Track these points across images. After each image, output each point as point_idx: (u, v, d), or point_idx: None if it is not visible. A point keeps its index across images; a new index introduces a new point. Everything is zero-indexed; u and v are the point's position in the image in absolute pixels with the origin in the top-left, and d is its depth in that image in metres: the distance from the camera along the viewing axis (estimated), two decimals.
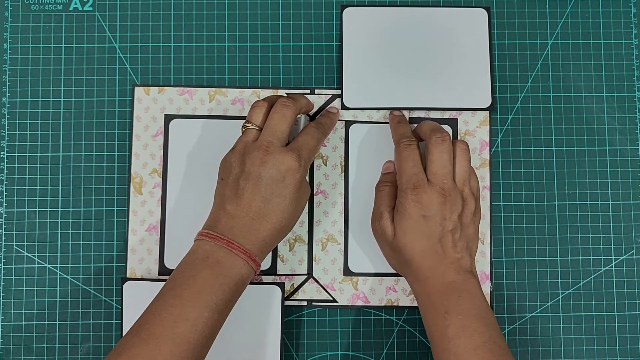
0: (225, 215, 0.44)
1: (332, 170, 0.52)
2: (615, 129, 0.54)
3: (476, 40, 0.53)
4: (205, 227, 0.45)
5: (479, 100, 0.52)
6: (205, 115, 0.52)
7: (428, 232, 0.44)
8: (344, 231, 0.51)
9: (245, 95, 0.52)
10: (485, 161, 0.52)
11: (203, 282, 0.41)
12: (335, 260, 0.51)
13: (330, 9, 0.54)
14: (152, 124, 0.52)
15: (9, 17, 0.53)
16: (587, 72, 0.54)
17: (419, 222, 0.45)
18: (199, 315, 0.40)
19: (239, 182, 0.44)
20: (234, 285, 0.42)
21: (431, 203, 0.44)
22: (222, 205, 0.44)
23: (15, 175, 0.52)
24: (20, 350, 0.50)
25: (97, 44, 0.53)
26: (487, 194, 0.52)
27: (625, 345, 0.52)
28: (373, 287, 0.51)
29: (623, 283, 0.52)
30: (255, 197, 0.43)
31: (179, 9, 0.54)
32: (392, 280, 0.51)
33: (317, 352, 0.51)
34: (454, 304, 0.42)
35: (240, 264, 0.43)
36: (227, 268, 0.42)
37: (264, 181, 0.43)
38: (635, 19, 0.55)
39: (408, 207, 0.45)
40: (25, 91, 0.53)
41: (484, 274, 0.51)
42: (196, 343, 0.40)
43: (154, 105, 0.52)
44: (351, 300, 0.51)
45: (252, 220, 0.43)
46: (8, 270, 0.51)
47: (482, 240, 0.51)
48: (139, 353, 0.38)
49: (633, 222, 0.53)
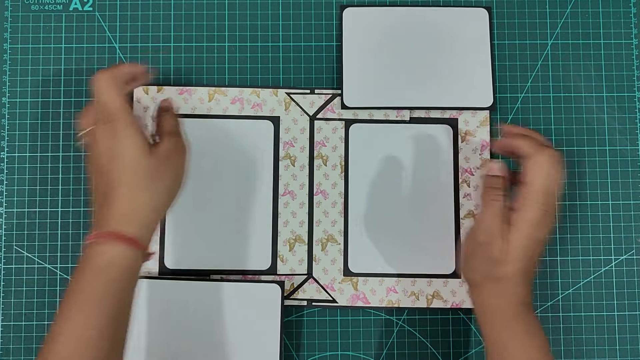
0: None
1: (332, 170, 0.52)
2: (615, 129, 0.54)
3: (477, 40, 0.52)
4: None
5: (480, 100, 0.52)
6: (205, 114, 0.52)
7: (535, 255, 0.43)
8: (344, 231, 0.51)
9: (245, 95, 0.52)
10: (487, 160, 0.52)
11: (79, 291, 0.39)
12: (335, 260, 0.51)
13: (330, 9, 0.54)
14: (152, 124, 0.51)
15: (9, 17, 0.53)
16: (587, 72, 0.54)
17: (534, 245, 0.42)
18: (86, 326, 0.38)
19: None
20: (108, 276, 0.39)
21: (548, 229, 0.43)
22: None
23: (15, 175, 0.52)
24: (20, 350, 0.50)
25: (97, 44, 0.53)
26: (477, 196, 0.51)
27: (625, 346, 0.52)
28: (373, 287, 0.51)
29: (623, 283, 0.52)
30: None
31: (179, 9, 0.54)
32: (392, 281, 0.51)
33: (317, 352, 0.51)
34: (529, 324, 0.42)
35: (104, 250, 0.40)
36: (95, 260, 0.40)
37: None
38: (635, 19, 0.55)
39: (536, 233, 0.42)
40: (25, 91, 0.53)
41: None
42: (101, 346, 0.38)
43: (153, 105, 0.52)
44: (351, 301, 0.50)
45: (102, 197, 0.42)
46: (8, 270, 0.51)
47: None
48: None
49: (633, 222, 0.53)
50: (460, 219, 0.51)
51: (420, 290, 0.51)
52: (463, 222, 0.51)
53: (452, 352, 0.52)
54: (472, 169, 0.52)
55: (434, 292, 0.51)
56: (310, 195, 0.51)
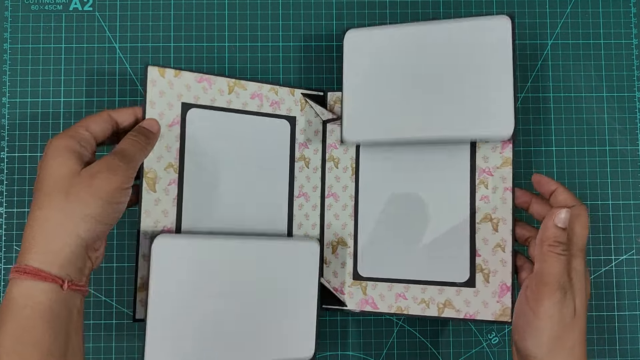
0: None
1: (343, 173, 0.51)
2: (615, 129, 0.54)
3: (496, 56, 0.45)
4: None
5: (498, 128, 0.44)
6: (225, 107, 0.48)
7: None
8: (354, 234, 0.50)
9: (264, 91, 0.49)
10: (508, 159, 0.47)
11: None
12: (345, 263, 0.50)
13: (330, 9, 0.54)
14: (168, 112, 0.46)
15: (9, 17, 0.53)
16: (587, 72, 0.54)
17: (587, 298, 0.42)
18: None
19: None
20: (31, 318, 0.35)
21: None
22: None
23: (15, 175, 0.52)
24: None
25: (97, 44, 0.53)
26: (509, 196, 0.46)
27: (625, 345, 0.52)
28: (382, 293, 0.49)
29: (623, 283, 0.52)
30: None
31: (179, 9, 0.54)
32: (401, 287, 0.48)
33: (317, 352, 0.51)
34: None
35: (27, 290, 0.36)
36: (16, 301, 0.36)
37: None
38: (635, 19, 0.55)
39: (586, 286, 0.41)
40: (25, 91, 0.53)
41: (505, 286, 0.46)
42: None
43: (169, 90, 0.46)
44: (360, 305, 0.49)
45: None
46: (8, 270, 0.51)
47: (504, 247, 0.46)
48: None
49: (633, 222, 0.53)
50: (476, 224, 0.47)
51: (431, 298, 0.47)
52: (479, 227, 0.47)
53: (452, 352, 0.52)
54: (491, 170, 0.47)
55: (446, 301, 0.47)
56: (322, 197, 0.51)
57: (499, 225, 0.47)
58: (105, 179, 0.38)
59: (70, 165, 0.38)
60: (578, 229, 0.41)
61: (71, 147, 0.39)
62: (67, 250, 0.37)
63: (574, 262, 0.40)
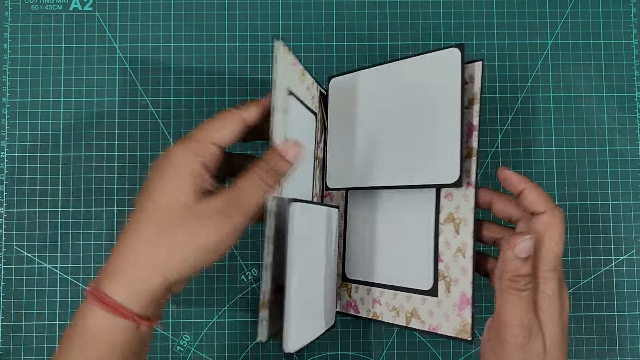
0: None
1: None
2: (615, 129, 0.54)
3: (443, 95, 0.40)
4: None
5: (442, 176, 0.40)
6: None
7: (567, 328, 0.37)
8: (344, 236, 0.49)
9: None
10: (472, 150, 0.40)
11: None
12: (338, 264, 0.49)
13: (331, 9, 0.54)
14: (282, 96, 0.39)
15: (9, 17, 0.53)
16: (587, 72, 0.54)
17: (566, 320, 0.36)
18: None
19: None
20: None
21: (567, 297, 0.36)
22: None
23: (15, 175, 0.52)
24: (20, 350, 0.50)
25: (97, 44, 0.53)
26: (472, 193, 0.40)
27: (625, 346, 0.52)
28: (362, 296, 0.47)
29: (623, 283, 0.52)
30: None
31: (179, 9, 0.54)
32: (377, 292, 0.45)
33: (317, 352, 0.51)
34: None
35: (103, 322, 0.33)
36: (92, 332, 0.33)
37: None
38: (635, 19, 0.55)
39: (564, 304, 0.36)
40: (25, 91, 0.53)
41: (465, 297, 0.40)
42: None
43: (286, 70, 0.40)
44: (345, 308, 0.48)
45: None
46: (8, 270, 0.51)
47: (464, 252, 0.40)
48: None
49: (633, 222, 0.53)
50: (440, 224, 0.41)
51: (400, 305, 0.43)
52: (442, 229, 0.41)
53: (452, 352, 0.52)
54: None
55: (413, 310, 0.43)
56: (321, 198, 0.50)
57: (460, 226, 0.40)
58: (215, 226, 0.33)
59: (186, 195, 0.33)
60: (549, 244, 0.35)
61: (194, 171, 0.34)
62: (153, 290, 0.33)
63: (544, 287, 0.35)
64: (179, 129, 0.53)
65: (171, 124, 0.53)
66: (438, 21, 0.54)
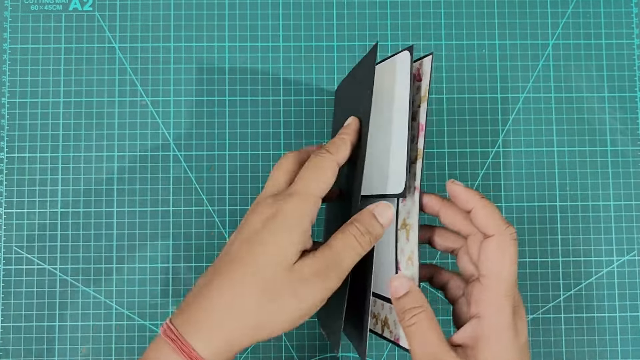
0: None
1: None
2: (616, 130, 0.53)
3: (393, 102, 0.37)
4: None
5: (391, 184, 0.37)
6: None
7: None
8: None
9: None
10: (420, 151, 0.37)
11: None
12: None
13: (331, 9, 0.54)
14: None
15: (9, 17, 0.53)
16: (588, 73, 0.54)
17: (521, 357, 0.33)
18: None
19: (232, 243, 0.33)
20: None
21: (525, 330, 0.34)
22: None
23: (15, 175, 0.52)
24: (20, 351, 0.50)
25: (97, 44, 0.53)
26: (416, 195, 0.37)
27: (627, 347, 0.51)
28: None
29: (625, 284, 0.52)
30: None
31: (179, 9, 0.54)
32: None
33: (317, 352, 0.51)
34: None
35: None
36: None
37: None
38: (636, 19, 0.55)
39: (517, 341, 0.33)
40: (25, 91, 0.53)
41: None
42: None
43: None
44: None
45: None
46: (7, 271, 0.51)
47: (413, 261, 0.36)
48: None
49: (635, 222, 0.53)
50: (397, 230, 0.38)
51: (378, 313, 0.41)
52: (399, 235, 0.38)
53: None
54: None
55: (385, 318, 0.40)
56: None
57: (409, 232, 0.37)
58: (314, 289, 0.31)
59: (293, 255, 0.31)
60: (499, 271, 0.33)
61: (305, 230, 0.32)
62: (239, 349, 0.31)
63: (494, 318, 0.32)
64: (179, 129, 0.53)
65: (171, 124, 0.53)
66: (438, 21, 0.54)
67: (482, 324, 0.33)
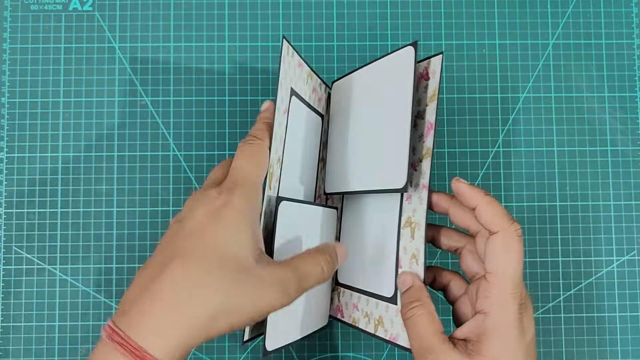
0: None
1: None
2: (616, 130, 0.53)
3: (396, 98, 0.38)
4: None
5: (393, 178, 0.37)
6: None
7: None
8: (338, 238, 0.47)
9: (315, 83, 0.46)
10: (429, 150, 0.38)
11: None
12: None
13: (331, 8, 0.54)
14: (285, 96, 0.39)
15: (9, 17, 0.53)
16: (588, 72, 0.54)
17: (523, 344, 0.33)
18: None
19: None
20: None
21: (532, 330, 0.33)
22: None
23: (15, 175, 0.52)
24: (20, 351, 0.50)
25: (97, 44, 0.53)
26: (426, 195, 0.37)
27: (627, 347, 0.51)
28: (347, 301, 0.45)
29: (625, 284, 0.52)
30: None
31: (179, 9, 0.54)
32: (356, 297, 0.44)
33: (317, 352, 0.51)
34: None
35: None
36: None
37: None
38: (636, 19, 0.55)
39: (523, 341, 0.33)
40: (25, 91, 0.53)
41: None
42: None
43: (289, 70, 0.40)
44: (335, 312, 0.47)
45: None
46: (7, 271, 0.51)
47: (417, 259, 0.37)
48: None
49: (635, 222, 0.53)
50: (401, 228, 0.39)
51: (371, 312, 0.41)
52: (402, 233, 0.39)
53: None
54: (415, 162, 0.40)
55: (379, 317, 0.40)
56: (325, 199, 0.49)
57: (415, 231, 0.37)
58: (275, 295, 0.31)
59: (247, 252, 0.30)
60: (505, 268, 0.33)
61: (254, 226, 0.32)
62: (193, 345, 0.30)
63: (501, 315, 0.32)
64: (179, 129, 0.53)
65: (171, 124, 0.53)
66: (438, 21, 0.54)
67: (487, 320, 0.33)
